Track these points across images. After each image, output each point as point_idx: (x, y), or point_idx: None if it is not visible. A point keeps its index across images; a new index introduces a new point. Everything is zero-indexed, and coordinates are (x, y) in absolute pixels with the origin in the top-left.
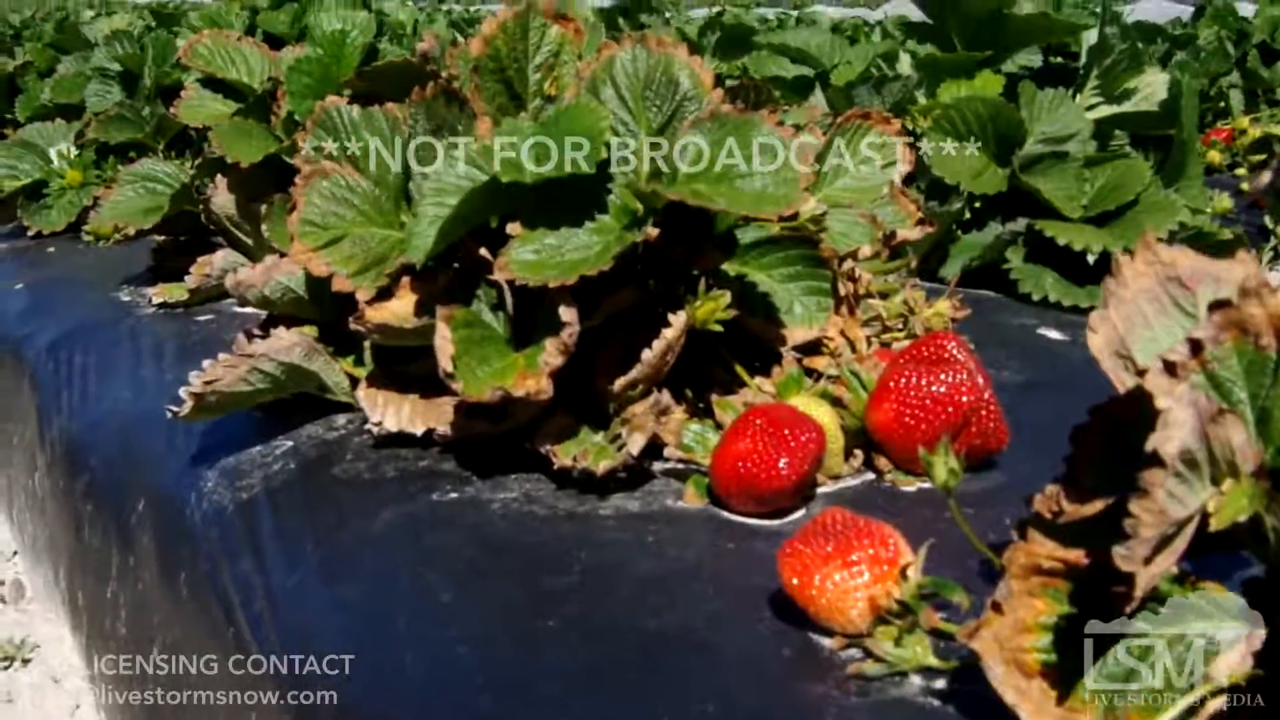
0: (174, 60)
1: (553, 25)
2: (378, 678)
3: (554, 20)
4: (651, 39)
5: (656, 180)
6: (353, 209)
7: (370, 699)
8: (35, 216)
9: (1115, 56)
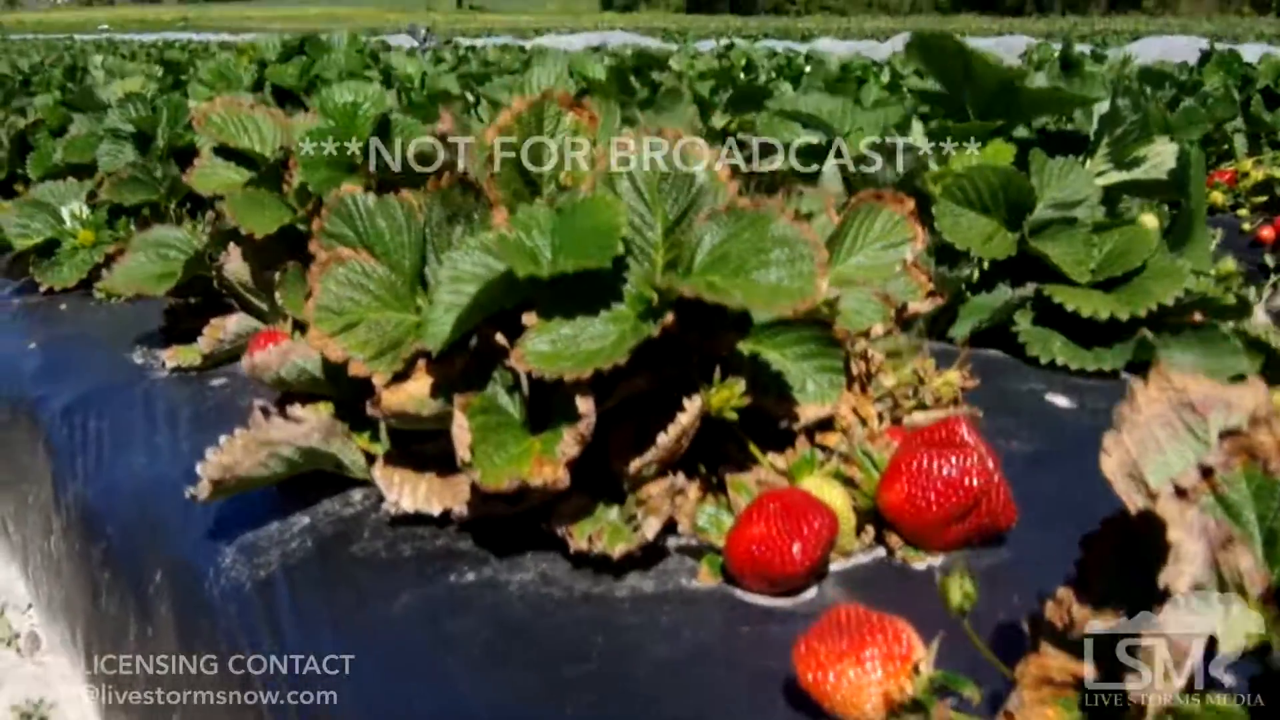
0: (186, 122)
1: (568, 112)
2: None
3: (568, 108)
4: (666, 132)
5: (673, 270)
6: (368, 294)
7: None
8: (47, 273)
9: (1126, 127)
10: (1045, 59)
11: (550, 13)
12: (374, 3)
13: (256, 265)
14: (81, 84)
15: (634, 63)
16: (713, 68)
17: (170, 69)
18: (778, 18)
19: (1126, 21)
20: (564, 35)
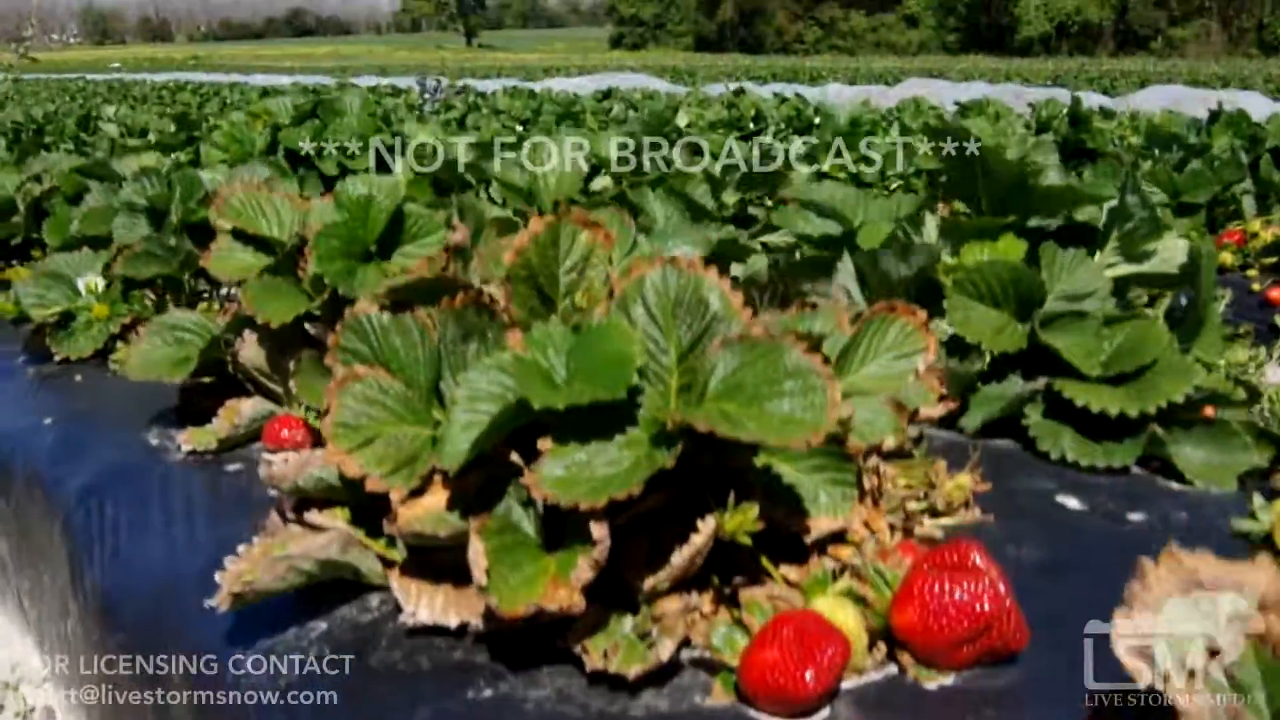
0: (199, 197)
1: (583, 231)
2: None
3: (584, 226)
4: (680, 260)
5: (687, 394)
6: (385, 410)
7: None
8: (63, 344)
9: (1136, 223)
10: (1054, 115)
11: (558, 51)
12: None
13: (272, 351)
14: (94, 134)
15: (644, 134)
16: (722, 117)
17: (183, 124)
18: (786, 57)
19: (1134, 63)
20: (573, 77)
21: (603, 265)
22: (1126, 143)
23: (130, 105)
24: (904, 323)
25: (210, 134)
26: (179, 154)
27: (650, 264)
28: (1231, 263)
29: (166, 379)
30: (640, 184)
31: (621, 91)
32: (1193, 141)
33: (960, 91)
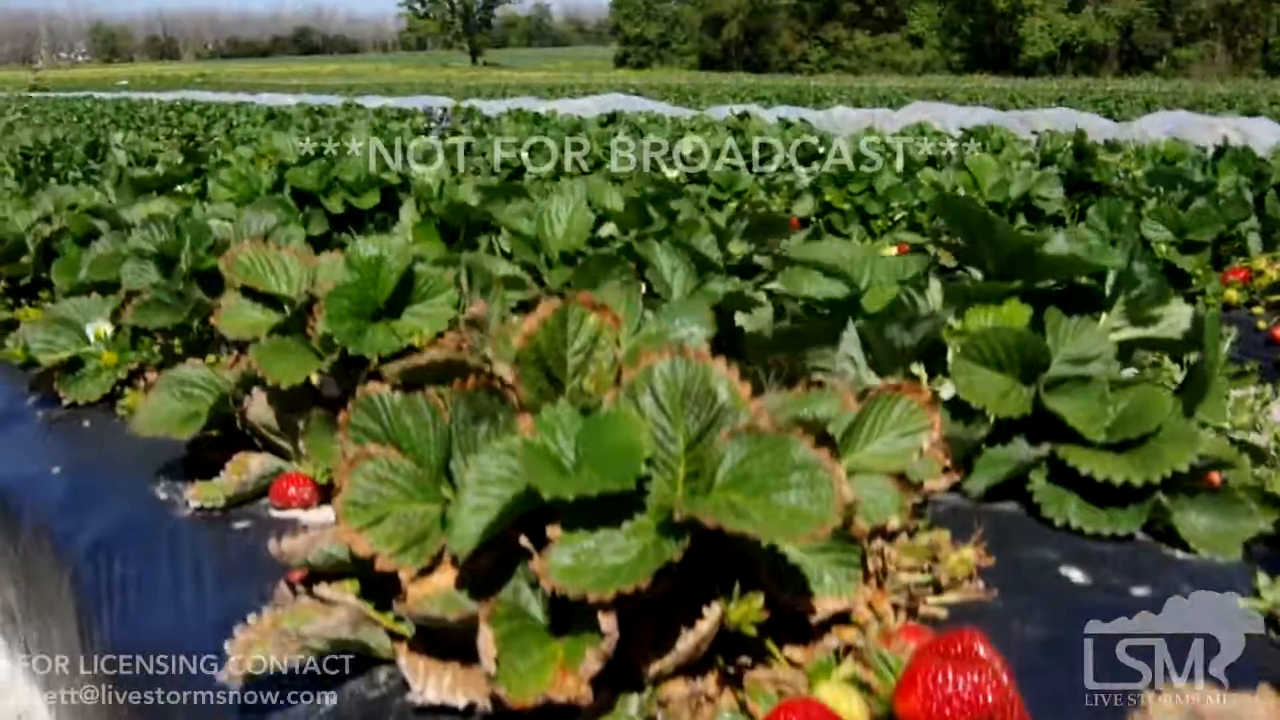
0: (208, 245)
1: (590, 314)
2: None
3: (591, 309)
4: (688, 350)
5: (694, 482)
6: (395, 488)
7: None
8: (71, 388)
9: (1142, 290)
10: (1058, 148)
11: (564, 69)
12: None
13: (281, 409)
14: (102, 160)
15: (655, 193)
16: (726, 146)
17: (191, 156)
18: (790, 76)
19: (1139, 83)
20: (577, 99)
21: (610, 347)
22: (1131, 176)
23: (137, 128)
24: (909, 401)
25: (218, 168)
26: (187, 186)
27: (659, 353)
28: (1237, 300)
29: (175, 435)
30: (647, 236)
31: (626, 115)
32: (1198, 179)
33: (965, 116)
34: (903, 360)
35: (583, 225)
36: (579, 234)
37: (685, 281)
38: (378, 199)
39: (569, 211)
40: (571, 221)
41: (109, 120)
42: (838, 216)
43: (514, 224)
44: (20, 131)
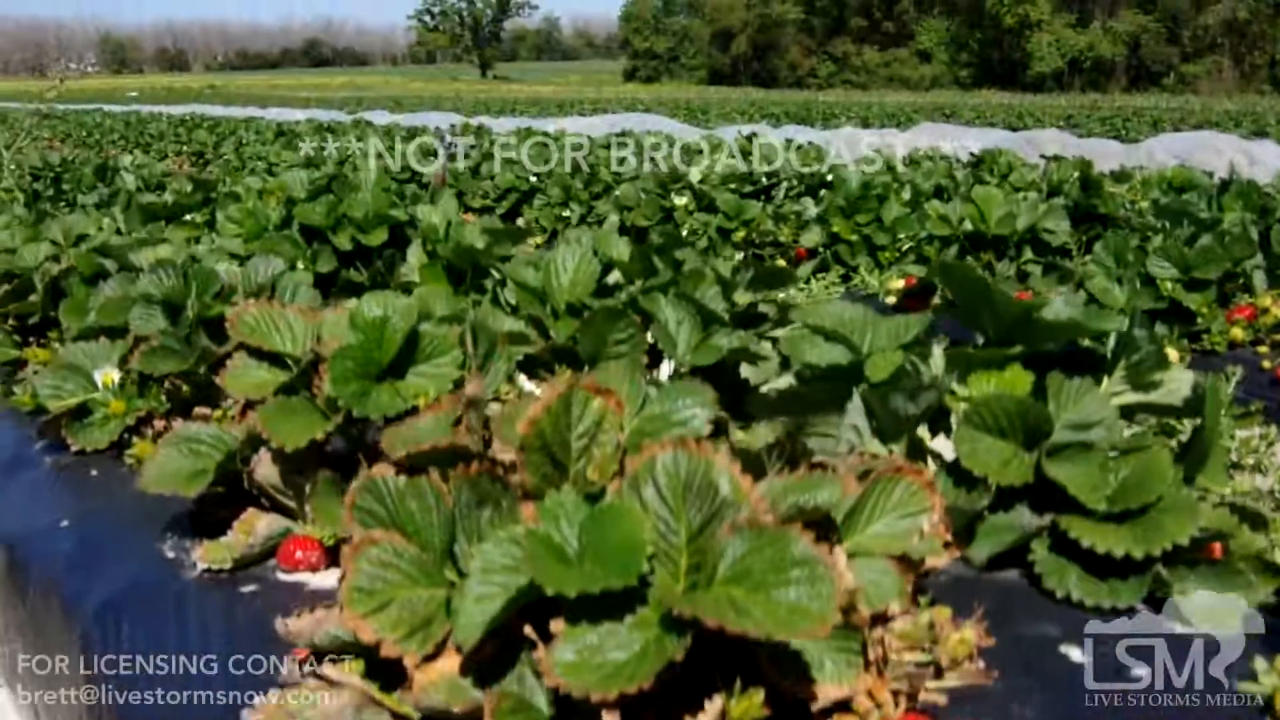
0: (215, 292)
1: (595, 398)
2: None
3: (595, 393)
4: (690, 443)
5: (696, 574)
6: (400, 573)
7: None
8: (79, 435)
9: (1142, 355)
10: (1065, 179)
11: (573, 83)
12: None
13: (287, 469)
14: (111, 184)
15: (660, 244)
16: (734, 171)
17: (199, 185)
18: (799, 91)
19: (1146, 99)
20: (586, 116)
21: (614, 430)
22: (1138, 207)
23: (145, 145)
24: (909, 482)
25: (227, 200)
26: (196, 215)
27: (661, 444)
28: (1242, 338)
29: (182, 494)
30: (652, 289)
31: (635, 134)
32: (1204, 214)
33: (972, 138)
34: (907, 427)
35: (588, 276)
36: (585, 284)
37: (690, 335)
38: (385, 236)
39: (575, 262)
40: (577, 272)
41: (118, 136)
42: (845, 248)
43: (519, 275)
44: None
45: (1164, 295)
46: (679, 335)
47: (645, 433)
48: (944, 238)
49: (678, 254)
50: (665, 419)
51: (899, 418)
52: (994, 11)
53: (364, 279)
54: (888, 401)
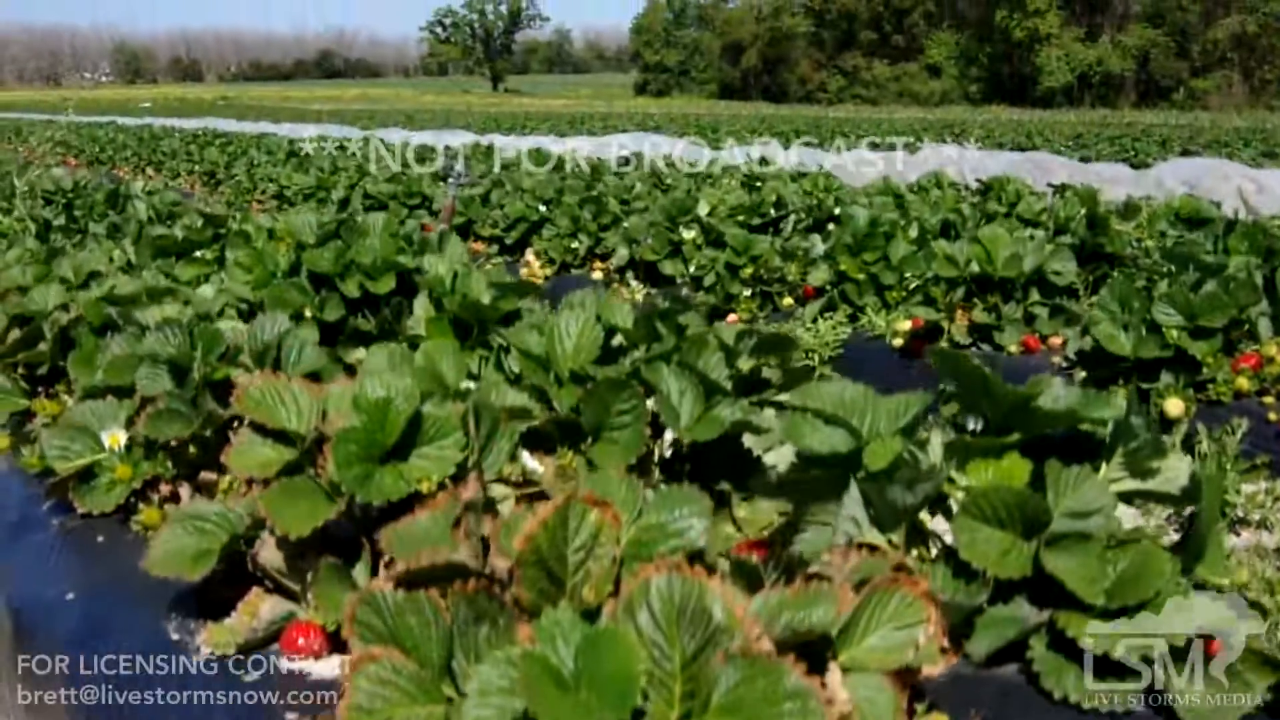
0: (220, 353)
1: (592, 511)
2: None
3: (593, 505)
4: (685, 567)
5: (690, 701)
6: (398, 690)
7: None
8: (85, 498)
9: (1139, 443)
10: (1071, 216)
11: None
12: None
13: (291, 554)
14: (123, 212)
15: (664, 309)
16: (743, 203)
17: (209, 220)
18: (808, 106)
19: (1156, 116)
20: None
21: (610, 544)
22: (1144, 245)
23: (158, 164)
24: (905, 593)
25: (237, 238)
26: (206, 251)
27: (656, 567)
28: (1248, 389)
29: (186, 577)
30: (654, 359)
31: (645, 158)
32: (1209, 259)
33: (981, 161)
34: (905, 517)
35: (592, 343)
36: (588, 351)
37: (693, 406)
38: (393, 283)
39: (578, 328)
40: (581, 338)
41: (130, 152)
42: (852, 287)
43: (523, 344)
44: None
45: (1169, 343)
46: (681, 407)
47: (642, 543)
48: (950, 279)
49: (680, 319)
50: (662, 529)
51: (897, 509)
52: (1003, 25)
53: (371, 327)
54: (885, 493)
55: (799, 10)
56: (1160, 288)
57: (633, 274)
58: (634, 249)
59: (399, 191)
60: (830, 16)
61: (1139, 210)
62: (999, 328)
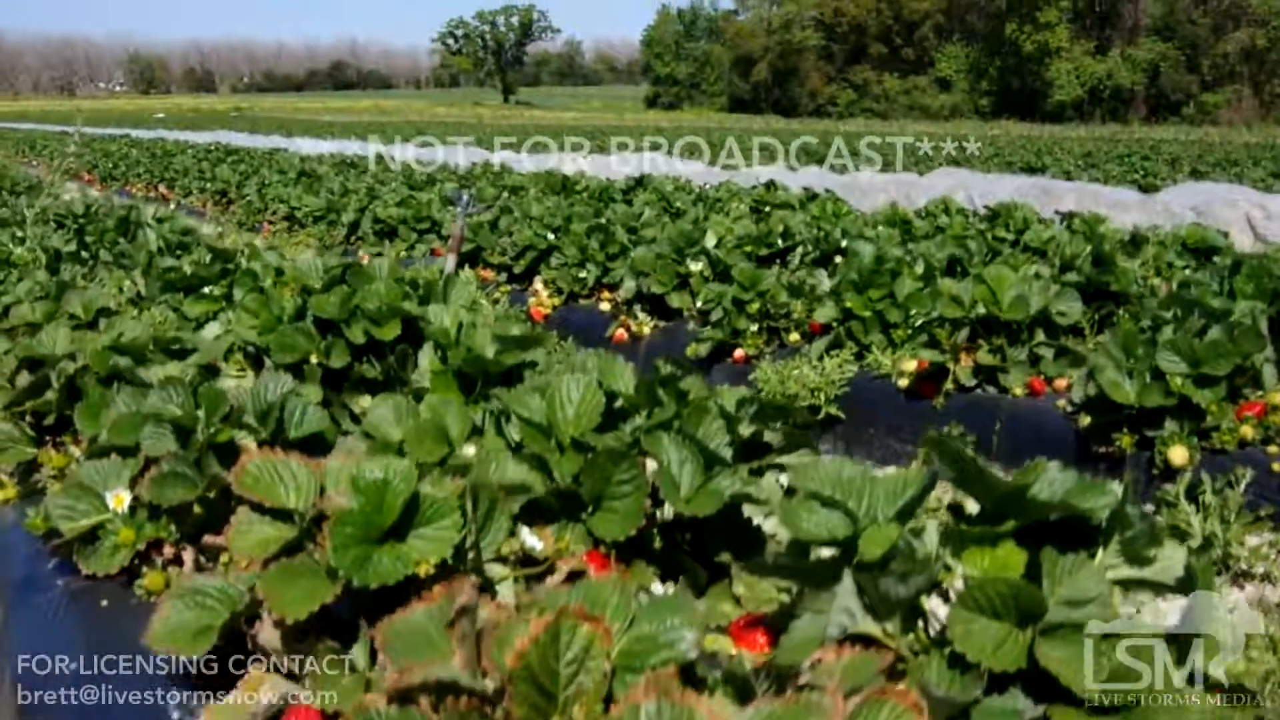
0: (223, 414)
1: (583, 626)
2: None
3: (583, 619)
4: (675, 691)
5: None
6: None
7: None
8: (90, 559)
9: (1135, 532)
10: (1077, 254)
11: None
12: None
13: (290, 636)
14: (134, 240)
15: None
16: (750, 233)
17: (218, 256)
18: (819, 120)
19: (1166, 131)
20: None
21: (601, 659)
22: (1150, 284)
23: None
24: (894, 704)
25: (244, 277)
26: (214, 288)
27: (645, 689)
28: (1252, 437)
29: (187, 655)
30: (654, 427)
31: (654, 181)
32: (1214, 304)
33: (990, 185)
34: (900, 608)
35: (593, 409)
36: (589, 417)
37: (693, 477)
38: (399, 330)
39: (580, 394)
40: (583, 404)
41: (143, 169)
42: (858, 325)
43: (525, 410)
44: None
45: (1173, 391)
46: (681, 478)
47: (634, 654)
48: (955, 320)
49: (682, 385)
50: (653, 640)
51: (891, 600)
52: (1013, 38)
53: (377, 373)
54: (880, 585)
55: (809, 23)
56: (1165, 333)
57: (640, 306)
58: (641, 281)
59: (408, 216)
60: (841, 29)
61: (1146, 241)
62: (1004, 369)
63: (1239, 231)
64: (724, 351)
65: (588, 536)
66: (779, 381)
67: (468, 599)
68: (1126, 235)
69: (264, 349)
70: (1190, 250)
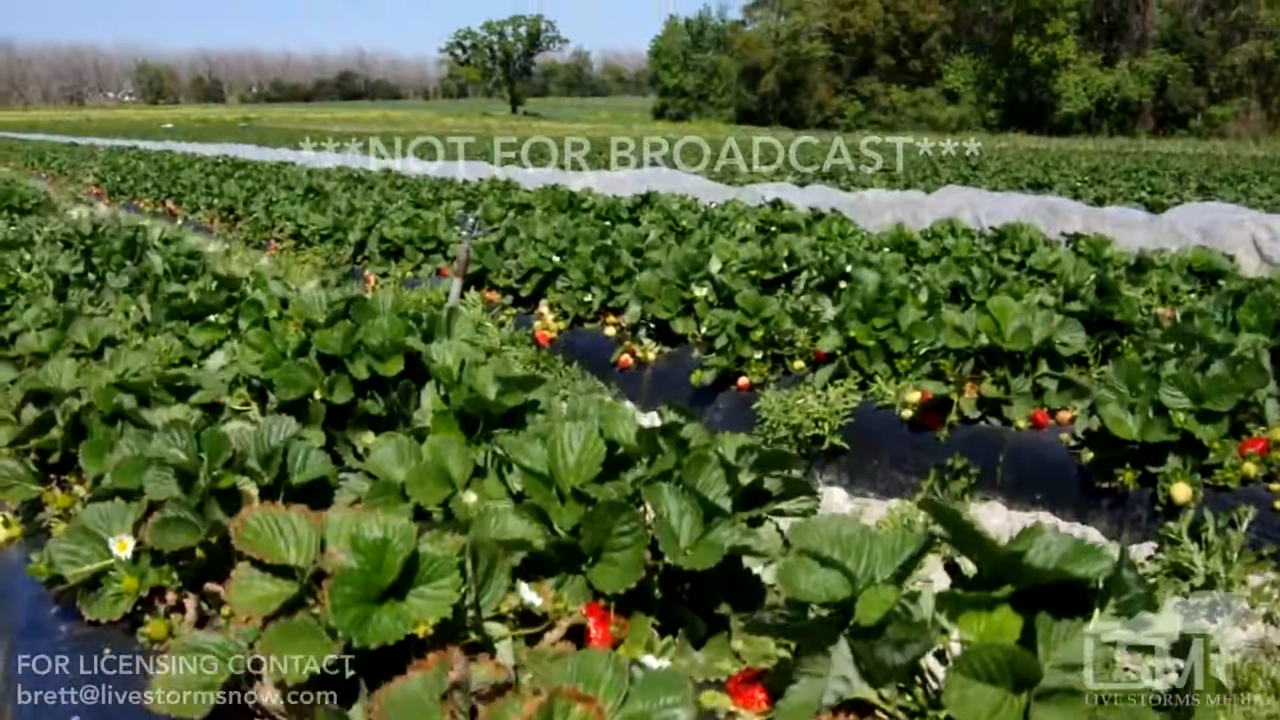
0: (225, 460)
1: (576, 705)
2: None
3: (577, 700)
4: None
5: None
6: None
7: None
8: (93, 605)
9: (1131, 596)
10: (1081, 283)
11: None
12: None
13: (290, 692)
14: (140, 263)
15: (667, 422)
16: (755, 257)
17: (224, 284)
18: (827, 131)
19: (1173, 144)
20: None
21: None
22: (1154, 312)
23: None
24: None
25: (249, 307)
26: (220, 316)
27: None
28: (1255, 474)
29: (187, 716)
30: (654, 479)
31: (660, 199)
32: (1217, 336)
33: (997, 204)
34: (896, 675)
35: (594, 458)
36: (590, 466)
37: (692, 528)
38: (402, 365)
39: (581, 443)
40: (584, 452)
41: (150, 184)
42: (862, 354)
43: (525, 460)
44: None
45: (1176, 426)
46: (680, 529)
47: None
48: (959, 350)
49: (683, 433)
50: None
51: (887, 667)
52: (1021, 50)
53: (380, 409)
54: (875, 651)
55: (816, 34)
56: (1168, 367)
57: (645, 332)
58: (646, 306)
59: (415, 236)
60: (848, 41)
61: (1152, 265)
62: (1008, 402)
63: (1245, 253)
64: (728, 379)
65: (587, 589)
66: (783, 411)
67: (459, 674)
68: (1132, 259)
69: (267, 383)
70: (1196, 274)
